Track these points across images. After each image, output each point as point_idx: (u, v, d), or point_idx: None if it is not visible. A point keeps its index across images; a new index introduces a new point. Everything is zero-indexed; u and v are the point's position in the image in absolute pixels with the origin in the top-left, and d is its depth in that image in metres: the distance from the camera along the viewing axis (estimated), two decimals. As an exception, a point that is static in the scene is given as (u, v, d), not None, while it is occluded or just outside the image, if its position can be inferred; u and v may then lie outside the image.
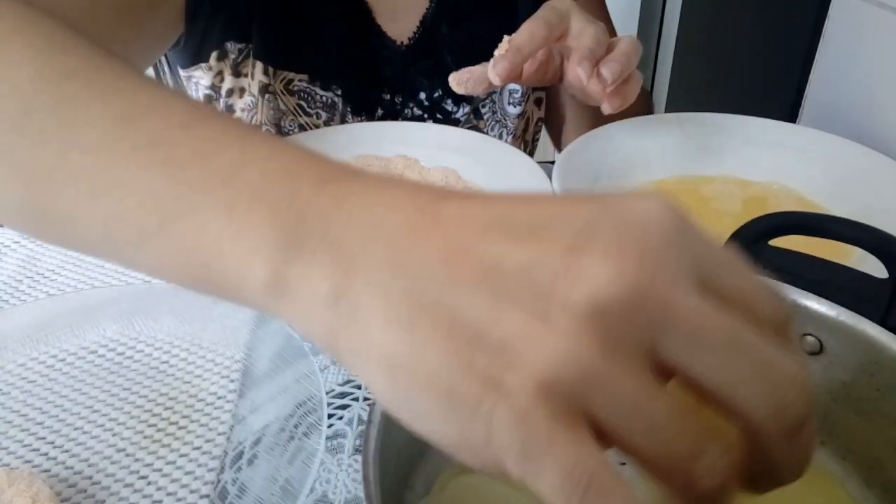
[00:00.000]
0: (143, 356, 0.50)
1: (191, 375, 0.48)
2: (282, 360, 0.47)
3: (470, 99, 0.77)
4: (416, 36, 0.75)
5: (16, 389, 0.48)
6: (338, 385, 0.48)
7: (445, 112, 0.78)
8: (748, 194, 0.65)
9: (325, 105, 0.74)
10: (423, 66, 0.75)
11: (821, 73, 0.76)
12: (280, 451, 0.42)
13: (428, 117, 0.78)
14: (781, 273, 0.36)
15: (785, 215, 0.43)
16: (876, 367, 0.33)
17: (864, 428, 0.35)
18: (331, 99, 0.74)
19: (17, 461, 0.43)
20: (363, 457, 0.28)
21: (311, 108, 0.74)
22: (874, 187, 0.61)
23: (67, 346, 0.51)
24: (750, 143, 0.68)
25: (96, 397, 0.47)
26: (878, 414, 0.34)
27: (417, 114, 0.77)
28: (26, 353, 0.50)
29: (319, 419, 0.43)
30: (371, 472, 0.28)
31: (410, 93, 0.76)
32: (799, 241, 0.40)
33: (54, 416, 0.46)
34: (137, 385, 0.48)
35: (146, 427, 0.45)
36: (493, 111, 0.80)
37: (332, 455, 0.43)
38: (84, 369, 0.49)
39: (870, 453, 0.35)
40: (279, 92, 0.73)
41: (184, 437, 0.44)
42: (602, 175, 0.63)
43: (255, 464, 0.42)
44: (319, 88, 0.73)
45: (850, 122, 0.72)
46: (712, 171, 0.67)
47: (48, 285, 0.58)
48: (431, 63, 0.75)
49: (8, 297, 0.57)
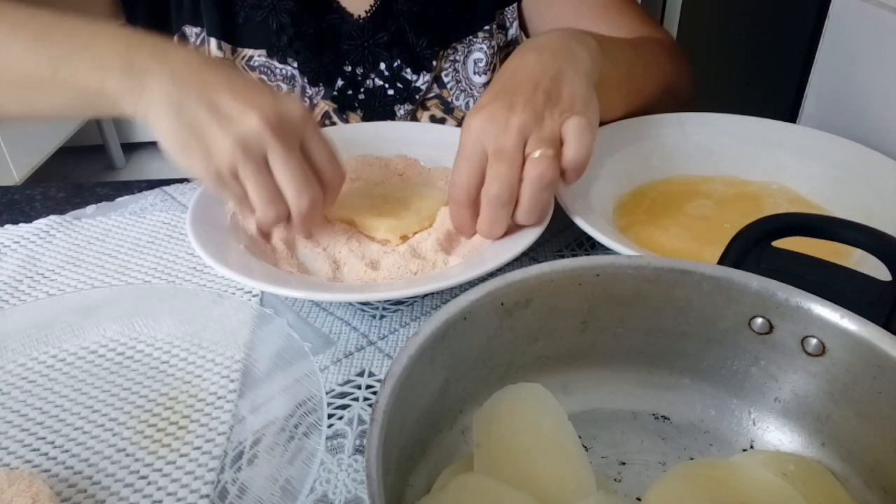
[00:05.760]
0: (143, 356, 0.50)
1: (191, 375, 0.48)
2: (282, 360, 0.47)
3: (430, 67, 0.79)
4: (373, 9, 0.77)
5: (16, 389, 0.48)
6: (338, 385, 0.48)
7: (406, 81, 0.80)
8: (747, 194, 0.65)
9: (284, 77, 0.78)
10: (382, 37, 0.78)
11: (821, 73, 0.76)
12: (280, 451, 0.42)
13: (389, 87, 0.80)
14: (784, 275, 0.36)
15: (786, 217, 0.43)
16: (878, 370, 0.33)
17: (866, 430, 0.35)
18: (290, 71, 0.78)
19: (17, 461, 0.43)
20: (366, 455, 0.28)
21: (272, 81, 0.78)
22: (874, 187, 0.61)
23: (67, 346, 0.51)
24: (750, 143, 0.68)
25: (96, 397, 0.47)
26: (880, 416, 0.34)
27: (379, 84, 0.80)
28: (26, 353, 0.50)
29: (319, 419, 0.43)
30: (374, 471, 0.28)
31: (371, 64, 0.79)
32: (797, 240, 0.40)
33: (54, 416, 0.46)
34: (137, 385, 0.48)
35: (146, 427, 0.45)
36: (456, 80, 0.81)
37: (332, 455, 0.43)
38: (84, 369, 0.49)
39: (871, 455, 0.35)
40: (240, 69, 0.77)
41: (184, 437, 0.44)
42: (602, 174, 0.63)
43: (255, 464, 0.42)
44: (277, 62, 0.77)
45: (850, 122, 0.72)
46: (712, 171, 0.67)
47: (48, 285, 0.58)
48: (390, 34, 0.77)
49: (8, 297, 0.57)
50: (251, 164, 0.49)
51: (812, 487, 0.36)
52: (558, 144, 0.52)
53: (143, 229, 0.65)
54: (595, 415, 0.41)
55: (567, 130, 0.52)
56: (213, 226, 0.57)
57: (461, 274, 0.50)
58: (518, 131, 0.51)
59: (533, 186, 0.51)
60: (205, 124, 0.49)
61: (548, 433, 0.38)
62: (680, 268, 0.38)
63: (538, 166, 0.51)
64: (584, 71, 0.55)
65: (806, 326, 0.36)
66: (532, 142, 0.51)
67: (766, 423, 0.39)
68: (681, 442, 0.40)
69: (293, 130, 0.51)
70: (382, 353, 0.51)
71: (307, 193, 0.51)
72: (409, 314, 0.55)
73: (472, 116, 0.52)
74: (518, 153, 0.51)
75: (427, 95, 0.81)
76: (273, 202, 0.51)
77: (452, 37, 0.79)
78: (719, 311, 0.38)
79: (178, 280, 0.59)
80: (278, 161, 0.50)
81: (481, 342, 0.38)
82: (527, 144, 0.51)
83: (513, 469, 0.36)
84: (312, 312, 0.55)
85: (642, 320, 0.40)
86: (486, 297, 0.37)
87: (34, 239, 0.64)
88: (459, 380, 0.38)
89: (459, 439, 0.39)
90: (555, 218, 0.56)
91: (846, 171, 0.63)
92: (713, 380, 0.40)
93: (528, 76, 0.54)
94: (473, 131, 0.52)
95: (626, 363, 0.42)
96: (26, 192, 0.72)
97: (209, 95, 0.49)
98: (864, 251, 0.39)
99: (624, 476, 0.39)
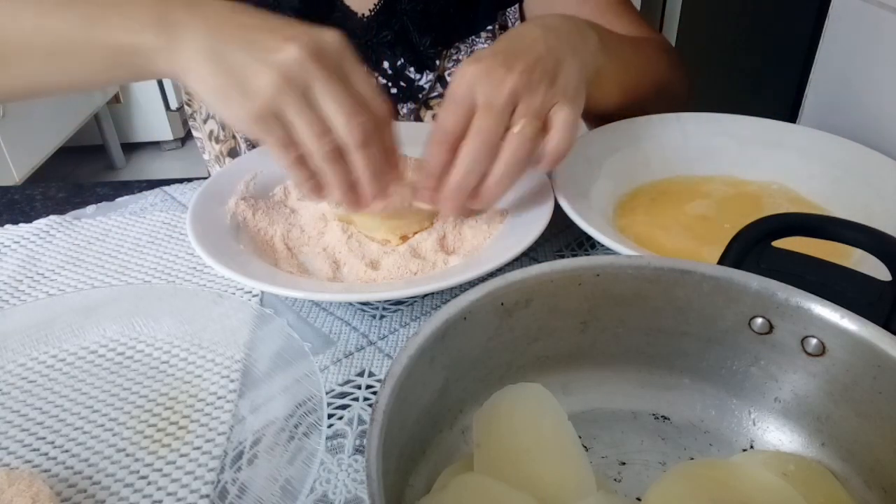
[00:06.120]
0: (143, 356, 0.50)
1: (191, 375, 0.48)
2: (282, 360, 0.47)
3: (433, 67, 0.79)
4: (377, 8, 0.77)
5: (16, 389, 0.48)
6: (338, 385, 0.48)
7: (409, 80, 0.80)
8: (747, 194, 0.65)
9: None
10: (386, 36, 0.78)
11: (821, 73, 0.76)
12: (280, 451, 0.42)
13: (392, 85, 0.80)
14: (784, 275, 0.36)
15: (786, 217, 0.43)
16: (878, 370, 0.33)
17: (866, 430, 0.35)
18: None
19: (17, 461, 0.43)
20: (366, 455, 0.28)
21: None
22: (874, 187, 0.61)
23: (67, 346, 0.51)
24: (750, 143, 0.68)
25: (96, 397, 0.47)
26: (880, 416, 0.34)
27: (382, 83, 0.80)
28: (26, 353, 0.50)
29: (319, 419, 0.43)
30: (374, 471, 0.28)
31: (374, 63, 0.79)
32: (797, 240, 0.40)
33: (54, 416, 0.46)
34: (137, 385, 0.48)
35: (146, 427, 0.45)
36: None
37: (332, 455, 0.43)
38: (84, 369, 0.49)
39: (871, 455, 0.35)
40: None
41: (184, 437, 0.44)
42: (602, 174, 0.63)
43: (255, 464, 0.42)
44: None
45: (850, 122, 0.72)
46: (712, 171, 0.67)
47: (48, 285, 0.58)
48: (393, 33, 0.77)
49: (8, 297, 0.57)
50: (296, 97, 0.47)
51: (812, 487, 0.36)
52: (542, 125, 0.52)
53: (143, 229, 0.65)
54: (595, 415, 0.41)
55: (555, 120, 0.52)
56: (213, 226, 0.57)
57: (461, 274, 0.50)
58: (511, 92, 0.51)
59: (508, 158, 0.51)
60: (243, 63, 0.48)
61: (548, 433, 0.38)
62: (680, 268, 0.38)
63: (518, 140, 0.51)
64: (581, 62, 0.56)
65: (806, 326, 0.36)
66: (521, 109, 0.51)
67: (766, 423, 0.39)
68: (681, 442, 0.40)
69: (334, 60, 0.49)
70: (382, 353, 0.51)
71: (358, 120, 0.48)
72: (409, 314, 0.55)
73: (468, 64, 0.52)
74: (506, 113, 0.51)
75: (430, 94, 0.81)
76: (323, 134, 0.48)
77: (455, 36, 0.80)
78: (719, 311, 0.38)
79: (178, 280, 0.59)
80: (323, 90, 0.48)
81: (481, 342, 0.38)
82: (515, 111, 0.51)
83: (513, 469, 0.36)
84: (312, 312, 0.55)
85: (642, 320, 0.40)
86: (486, 297, 0.37)
87: (34, 239, 0.64)
88: (459, 380, 0.38)
89: (459, 439, 0.39)
90: (555, 218, 0.56)
91: (846, 171, 0.63)
92: (713, 380, 0.40)
93: (531, 47, 0.54)
94: (468, 78, 0.52)
95: (626, 363, 0.42)
96: (26, 192, 0.72)
97: (244, 35, 0.48)
98: (864, 251, 0.39)
99: (624, 476, 0.39)
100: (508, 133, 0.51)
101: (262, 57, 0.48)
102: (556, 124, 0.52)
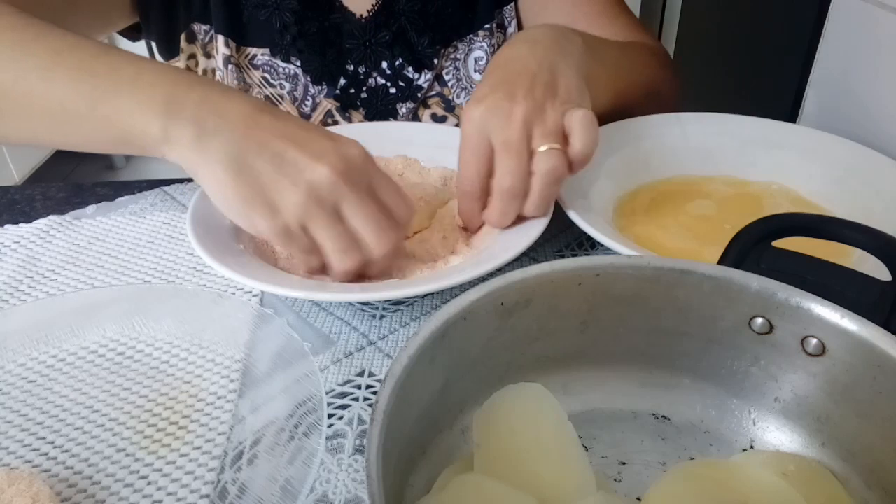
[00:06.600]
0: (143, 356, 0.50)
1: (191, 375, 0.48)
2: (282, 360, 0.47)
3: (431, 66, 0.80)
4: (375, 8, 0.77)
5: (16, 389, 0.48)
6: (338, 385, 0.48)
7: (407, 79, 0.80)
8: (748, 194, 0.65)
9: (287, 76, 0.78)
10: (384, 36, 0.78)
11: (821, 73, 0.76)
12: (280, 451, 0.42)
13: (391, 85, 0.80)
14: (784, 275, 0.36)
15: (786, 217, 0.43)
16: (878, 370, 0.33)
17: (866, 430, 0.35)
18: (293, 70, 0.78)
19: (17, 461, 0.43)
20: (366, 456, 0.28)
21: (275, 80, 0.78)
22: (874, 187, 0.61)
23: (67, 346, 0.51)
24: (750, 143, 0.68)
25: (96, 397, 0.47)
26: (880, 416, 0.34)
27: (381, 83, 0.80)
28: (26, 353, 0.50)
29: (319, 419, 0.43)
30: (374, 471, 0.28)
31: (373, 63, 0.79)
32: (797, 240, 0.40)
33: (54, 416, 0.46)
34: (137, 385, 0.48)
35: (146, 427, 0.45)
36: (457, 78, 0.82)
37: (332, 455, 0.43)
38: (84, 369, 0.49)
39: (871, 455, 0.35)
40: (244, 67, 0.78)
41: (184, 437, 0.44)
42: (602, 174, 0.63)
43: (255, 464, 0.42)
44: (280, 61, 0.78)
45: (850, 122, 0.72)
46: (712, 171, 0.67)
47: (48, 285, 0.58)
48: (392, 33, 0.78)
49: (8, 297, 0.57)
50: (324, 216, 0.48)
51: (812, 487, 0.36)
52: (562, 136, 0.52)
53: (143, 229, 0.65)
54: (595, 415, 0.41)
55: (573, 123, 0.52)
56: (213, 226, 0.57)
57: (461, 274, 0.50)
58: (522, 123, 0.51)
59: (544, 180, 0.52)
60: (271, 179, 0.47)
61: (548, 433, 0.38)
62: (680, 268, 0.38)
63: (549, 161, 0.51)
64: (574, 64, 0.56)
65: (806, 326, 0.36)
66: (537, 134, 0.52)
67: (766, 423, 0.40)
68: (681, 442, 0.40)
69: (361, 175, 0.49)
70: (382, 353, 0.51)
71: (386, 237, 0.50)
72: (409, 314, 0.55)
73: (472, 107, 0.52)
74: (525, 145, 0.51)
75: (428, 94, 0.81)
76: (350, 250, 0.50)
77: (453, 35, 0.80)
78: (719, 311, 0.38)
79: (178, 280, 0.59)
80: (354, 209, 0.49)
81: (481, 342, 0.38)
82: (532, 137, 0.52)
83: (513, 469, 0.36)
84: (312, 312, 0.55)
85: (642, 320, 0.40)
86: (486, 297, 0.37)
87: (34, 239, 0.64)
88: (459, 380, 0.38)
89: (459, 439, 0.39)
90: (555, 218, 0.56)
91: (846, 171, 0.63)
92: (713, 380, 0.40)
93: (523, 67, 0.54)
94: (476, 122, 0.52)
95: (626, 363, 0.42)
96: (26, 192, 0.72)
97: (271, 148, 0.48)
98: (864, 251, 0.39)
99: (624, 476, 0.39)
100: (536, 153, 0.52)
101: (291, 175, 0.47)
102: (574, 127, 0.52)
